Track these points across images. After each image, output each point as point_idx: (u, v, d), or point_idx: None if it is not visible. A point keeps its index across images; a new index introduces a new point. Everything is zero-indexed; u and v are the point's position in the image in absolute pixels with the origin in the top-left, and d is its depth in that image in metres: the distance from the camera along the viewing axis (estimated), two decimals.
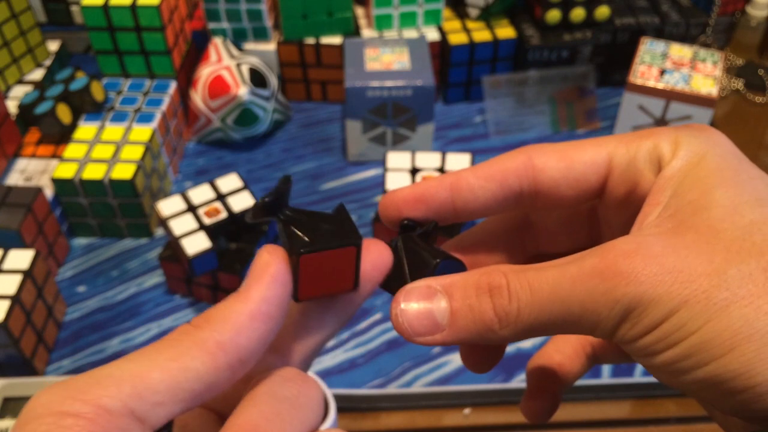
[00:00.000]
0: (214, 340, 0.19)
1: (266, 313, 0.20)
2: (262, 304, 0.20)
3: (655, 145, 0.23)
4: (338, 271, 0.22)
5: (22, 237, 0.57)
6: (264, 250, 0.21)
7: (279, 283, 0.20)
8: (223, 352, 0.19)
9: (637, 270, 0.19)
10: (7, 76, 0.74)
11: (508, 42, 0.77)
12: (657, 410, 0.54)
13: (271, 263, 0.21)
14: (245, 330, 0.20)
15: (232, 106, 0.71)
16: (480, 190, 0.24)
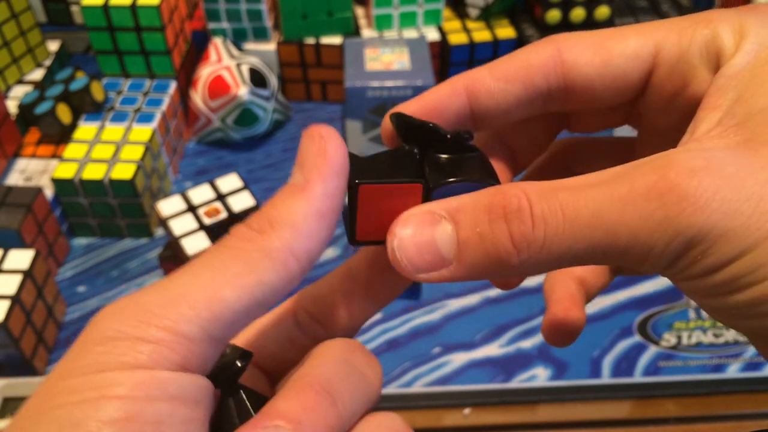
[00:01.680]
0: (287, 249, 0.17)
1: (331, 209, 0.18)
2: (326, 201, 0.18)
3: (713, 35, 0.18)
4: (403, 210, 0.19)
5: (22, 237, 0.57)
6: (316, 131, 0.18)
7: (340, 172, 0.18)
8: (297, 260, 0.17)
9: (707, 195, 0.15)
10: (7, 76, 0.74)
11: (508, 42, 0.77)
12: (657, 410, 0.54)
13: (327, 148, 0.18)
14: (314, 233, 0.18)
15: (232, 106, 0.71)
16: (501, 93, 0.20)
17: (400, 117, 0.20)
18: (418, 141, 0.20)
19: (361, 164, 0.19)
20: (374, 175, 0.19)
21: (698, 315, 0.60)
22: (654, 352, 0.57)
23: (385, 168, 0.19)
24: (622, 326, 0.59)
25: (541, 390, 0.55)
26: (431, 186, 0.19)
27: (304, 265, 0.18)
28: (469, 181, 0.19)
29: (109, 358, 0.15)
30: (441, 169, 0.19)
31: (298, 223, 0.17)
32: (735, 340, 0.58)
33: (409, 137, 0.20)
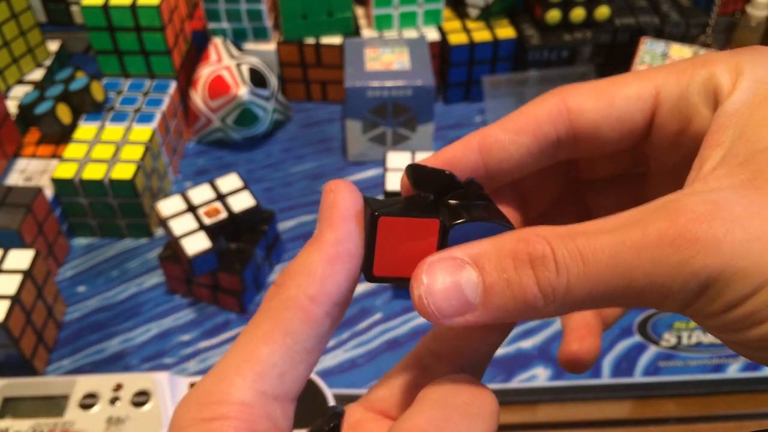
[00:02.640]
0: (303, 296, 0.19)
1: (344, 253, 0.19)
2: (337, 246, 0.19)
3: (710, 74, 0.19)
4: (420, 249, 0.20)
5: (22, 237, 0.57)
6: (328, 186, 0.20)
7: (349, 218, 0.19)
8: (316, 304, 0.19)
9: (718, 237, 0.16)
10: (7, 76, 0.74)
11: (508, 42, 0.77)
12: (657, 410, 0.54)
13: (336, 199, 0.19)
14: (329, 277, 0.19)
15: (232, 106, 0.71)
16: (512, 145, 0.21)
17: (416, 167, 0.21)
18: (432, 188, 0.21)
19: (378, 203, 0.20)
20: (392, 209, 0.20)
21: None
22: (654, 352, 0.57)
23: (401, 207, 0.20)
24: (622, 326, 0.59)
25: (541, 390, 0.55)
26: (448, 224, 0.20)
27: (328, 308, 0.19)
28: (485, 221, 0.20)
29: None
30: (455, 212, 0.20)
31: (312, 270, 0.19)
32: None
33: (423, 185, 0.21)
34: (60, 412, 0.50)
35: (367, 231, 0.20)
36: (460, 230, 0.20)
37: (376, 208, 0.20)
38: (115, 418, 0.49)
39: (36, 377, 0.54)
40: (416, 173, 0.21)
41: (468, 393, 0.19)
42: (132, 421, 0.48)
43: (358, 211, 0.19)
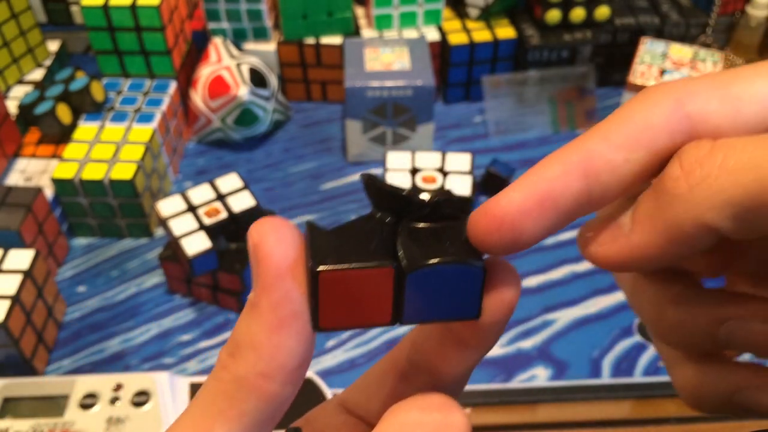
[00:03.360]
0: (254, 375, 0.17)
1: (288, 317, 0.17)
2: (277, 312, 0.17)
3: None
4: (373, 296, 0.18)
5: (22, 237, 0.57)
6: (252, 236, 0.17)
7: (282, 276, 0.17)
8: (269, 380, 0.17)
9: None
10: (7, 76, 0.74)
11: (508, 42, 0.77)
12: (657, 410, 0.54)
13: (265, 254, 0.17)
14: (277, 348, 0.17)
15: (232, 106, 0.71)
16: (625, 165, 0.16)
17: (371, 184, 0.18)
18: (393, 208, 0.18)
19: (324, 240, 0.17)
20: (338, 254, 0.17)
21: None
22: (654, 352, 0.57)
23: (351, 244, 0.17)
24: (622, 326, 0.59)
25: (541, 390, 0.55)
26: (404, 271, 0.17)
27: (284, 379, 0.17)
28: (449, 263, 0.17)
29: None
30: (418, 244, 0.18)
31: (256, 344, 0.17)
32: None
33: (382, 204, 0.18)
34: (60, 412, 0.50)
35: (309, 283, 0.17)
36: (419, 275, 0.17)
37: (317, 256, 0.17)
38: (115, 418, 0.49)
39: (36, 377, 0.54)
40: (374, 192, 0.18)
41: (437, 418, 0.17)
42: (132, 421, 0.48)
43: (293, 261, 0.17)
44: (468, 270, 0.17)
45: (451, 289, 0.18)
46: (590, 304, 0.61)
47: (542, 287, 0.62)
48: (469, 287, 0.18)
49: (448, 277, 0.17)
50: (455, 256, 0.17)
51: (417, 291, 0.17)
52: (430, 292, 0.17)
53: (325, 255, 0.17)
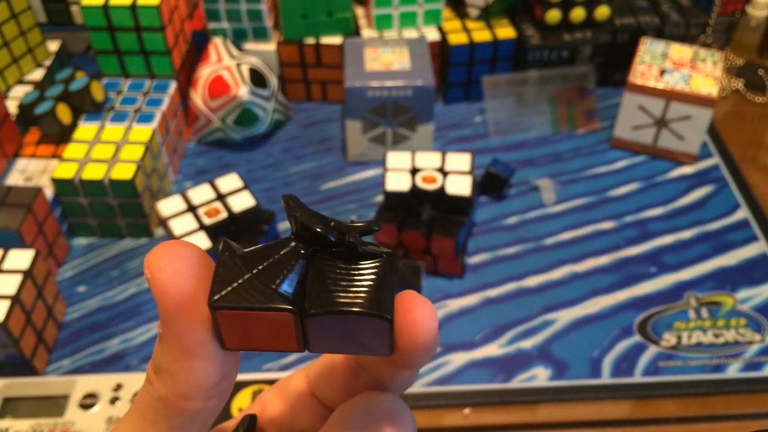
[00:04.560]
0: (174, 396, 0.18)
1: (194, 345, 0.17)
2: (182, 342, 0.17)
3: None
4: (275, 330, 0.17)
5: (22, 237, 0.57)
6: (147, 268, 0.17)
7: (180, 311, 0.17)
8: (189, 399, 0.18)
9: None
10: (7, 76, 0.74)
11: (508, 42, 0.77)
12: (657, 410, 0.54)
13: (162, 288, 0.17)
14: (190, 373, 0.17)
15: (232, 106, 0.71)
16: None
17: (291, 206, 0.18)
18: (308, 240, 0.18)
19: (232, 267, 0.17)
20: (240, 289, 0.17)
21: (698, 315, 0.60)
22: (654, 352, 0.57)
23: (258, 276, 0.17)
24: (622, 326, 0.59)
25: (541, 390, 0.55)
26: (304, 314, 0.17)
27: (205, 395, 0.18)
28: (350, 314, 0.17)
29: None
30: (326, 285, 0.17)
31: (171, 370, 0.17)
32: (735, 340, 0.58)
33: (299, 233, 0.18)
34: (60, 412, 0.50)
35: (211, 314, 0.17)
36: (318, 322, 0.17)
37: (219, 289, 0.17)
38: (116, 419, 0.49)
39: (36, 377, 0.54)
40: (292, 220, 0.18)
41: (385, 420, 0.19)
42: None
43: (189, 295, 0.17)
44: (373, 320, 0.17)
45: (358, 332, 0.17)
46: (590, 304, 0.61)
47: (542, 287, 0.62)
48: (376, 332, 0.17)
49: (353, 323, 0.17)
50: (360, 305, 0.17)
51: (321, 331, 0.17)
52: (336, 333, 0.17)
53: (226, 287, 0.17)
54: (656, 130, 0.73)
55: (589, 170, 0.73)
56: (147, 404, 0.18)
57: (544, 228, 0.67)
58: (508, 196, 0.70)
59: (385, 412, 0.19)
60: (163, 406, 0.18)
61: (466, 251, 0.64)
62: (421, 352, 0.18)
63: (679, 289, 0.62)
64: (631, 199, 0.70)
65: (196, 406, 0.18)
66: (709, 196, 0.71)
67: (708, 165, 0.74)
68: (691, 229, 0.67)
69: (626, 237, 0.66)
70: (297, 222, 0.18)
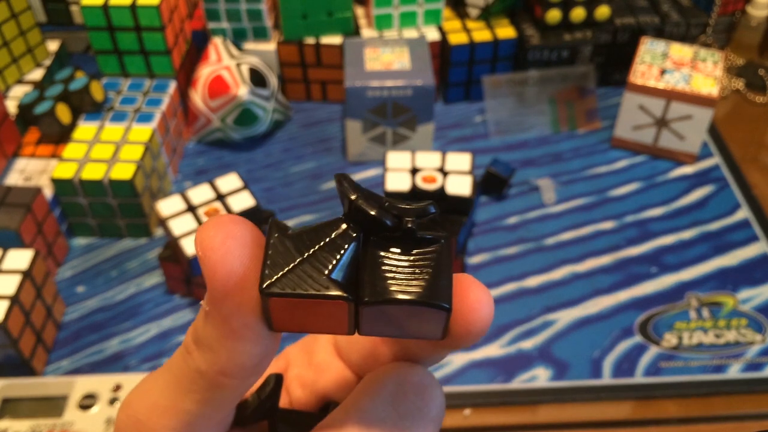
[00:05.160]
0: (213, 372, 0.17)
1: (240, 328, 0.17)
2: (230, 323, 0.17)
3: None
4: (327, 315, 0.17)
5: (22, 237, 0.57)
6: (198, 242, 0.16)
7: (231, 292, 0.16)
8: (230, 376, 0.17)
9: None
10: (7, 76, 0.74)
11: (509, 42, 0.77)
12: (658, 411, 0.54)
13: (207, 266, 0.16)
14: (233, 352, 0.17)
15: (232, 106, 0.71)
16: None
17: (344, 185, 0.17)
18: (362, 223, 0.17)
19: (283, 250, 0.17)
20: (293, 274, 0.16)
21: (699, 315, 0.60)
22: (655, 353, 0.57)
23: (310, 260, 0.16)
24: (623, 326, 0.59)
25: (542, 391, 0.55)
26: (359, 303, 0.16)
27: (244, 374, 0.18)
28: (407, 303, 0.16)
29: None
30: (381, 272, 0.17)
31: (214, 347, 0.17)
32: (736, 340, 0.58)
33: (352, 215, 0.17)
34: (59, 412, 0.49)
35: (261, 299, 0.17)
36: (376, 311, 0.17)
37: (270, 273, 0.16)
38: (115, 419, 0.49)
39: (35, 378, 0.54)
40: (345, 201, 0.17)
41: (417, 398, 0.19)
42: None
43: (240, 277, 0.16)
44: (431, 310, 0.16)
45: (412, 319, 0.17)
46: (591, 305, 0.60)
47: (543, 287, 0.62)
48: (432, 320, 0.17)
49: (409, 312, 0.17)
50: (418, 294, 0.16)
51: (375, 318, 0.17)
52: (390, 320, 0.17)
53: (278, 272, 0.16)
54: (657, 129, 0.72)
55: (590, 170, 0.73)
56: (184, 373, 0.18)
57: (544, 228, 0.67)
58: (509, 196, 0.70)
59: (416, 385, 0.19)
60: (200, 378, 0.17)
61: (466, 251, 0.64)
62: (474, 337, 0.18)
63: (679, 289, 0.62)
64: (632, 199, 0.70)
65: (234, 383, 0.18)
66: (710, 196, 0.70)
67: (708, 165, 0.74)
68: (691, 229, 0.67)
69: (627, 237, 0.66)
70: (351, 204, 0.17)
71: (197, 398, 0.18)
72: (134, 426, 0.19)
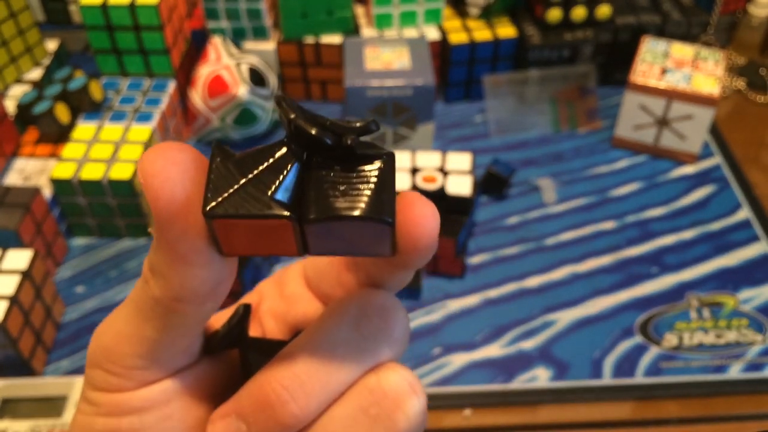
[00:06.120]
0: (168, 299, 0.18)
1: (188, 252, 0.17)
2: (176, 248, 0.17)
3: None
4: (274, 236, 0.17)
5: (21, 237, 0.57)
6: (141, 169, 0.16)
7: (173, 217, 0.16)
8: (185, 301, 0.18)
9: None
10: (6, 76, 0.74)
11: (509, 41, 0.77)
12: (658, 411, 0.54)
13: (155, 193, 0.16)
14: (184, 277, 0.17)
15: (232, 105, 0.71)
16: None
17: (284, 105, 0.17)
18: (304, 143, 0.17)
19: (226, 173, 0.17)
20: (236, 195, 0.16)
21: (700, 315, 0.59)
22: (655, 353, 0.57)
23: (254, 181, 0.17)
24: (624, 327, 0.59)
25: (542, 391, 0.55)
26: (303, 221, 0.17)
27: (200, 300, 0.18)
28: (350, 219, 0.16)
29: (94, 381, 0.20)
30: (323, 190, 0.17)
31: (165, 273, 0.17)
32: (737, 341, 0.58)
33: (294, 136, 0.17)
34: (58, 412, 0.49)
35: (206, 222, 0.17)
36: (319, 228, 0.17)
37: (213, 196, 0.16)
38: None
39: (34, 378, 0.53)
40: (285, 121, 0.17)
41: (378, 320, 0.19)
42: None
43: (183, 201, 0.16)
44: (374, 224, 0.17)
45: (358, 235, 0.17)
46: (591, 305, 0.60)
47: (543, 288, 0.62)
48: (377, 234, 0.17)
49: (353, 227, 0.17)
50: (360, 209, 0.16)
51: (321, 236, 0.17)
52: (337, 237, 0.17)
53: (220, 194, 0.16)
54: (657, 129, 0.72)
55: (590, 170, 0.73)
56: (143, 301, 0.19)
57: (544, 228, 0.67)
58: (509, 195, 0.70)
59: (378, 308, 0.20)
60: (157, 306, 0.18)
61: (466, 251, 0.64)
62: (422, 252, 0.18)
63: (680, 289, 0.61)
64: (632, 199, 0.70)
65: (191, 309, 0.18)
66: (711, 196, 0.70)
67: (709, 165, 0.73)
68: (692, 229, 0.67)
69: (627, 237, 0.66)
70: (291, 124, 0.17)
71: (157, 325, 0.18)
72: (102, 354, 0.20)
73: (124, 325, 0.19)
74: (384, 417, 0.18)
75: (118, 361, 0.19)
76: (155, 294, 0.18)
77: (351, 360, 0.19)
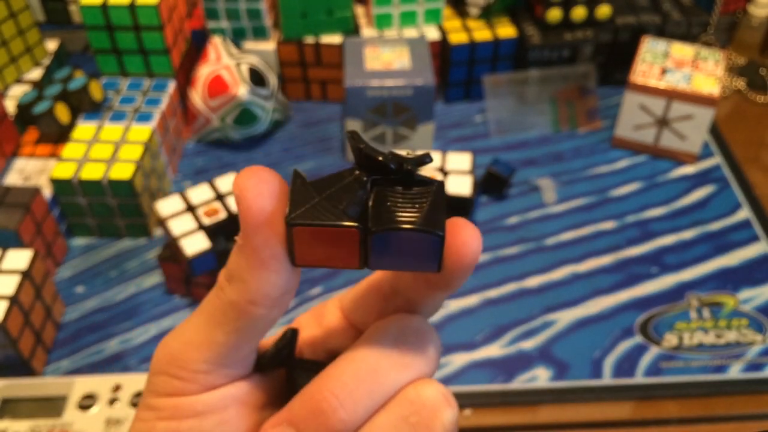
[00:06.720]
0: (244, 301, 0.20)
1: (268, 258, 0.20)
2: (259, 254, 0.20)
3: None
4: (341, 247, 0.20)
5: (21, 237, 0.57)
6: (236, 184, 0.20)
7: (261, 226, 0.19)
8: (258, 305, 0.20)
9: None
10: (6, 76, 0.74)
11: (509, 41, 0.77)
12: (658, 411, 0.54)
13: (242, 206, 0.19)
14: (261, 282, 0.20)
15: (232, 105, 0.71)
16: None
17: (354, 139, 0.21)
18: (370, 168, 0.21)
19: (304, 192, 0.20)
20: (312, 209, 0.20)
21: (700, 315, 0.59)
22: (655, 353, 0.57)
23: (327, 199, 0.20)
24: (624, 327, 0.59)
25: (542, 391, 0.55)
26: (368, 232, 0.20)
27: (271, 304, 0.20)
28: (407, 231, 0.19)
29: (157, 387, 0.22)
30: (386, 206, 0.20)
31: (244, 278, 0.20)
32: (737, 341, 0.58)
33: (362, 163, 0.21)
34: (58, 412, 0.49)
35: (287, 231, 0.20)
36: (382, 238, 0.20)
37: (294, 209, 0.19)
38: (114, 419, 0.49)
39: (34, 378, 0.53)
40: (355, 152, 0.20)
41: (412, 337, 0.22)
42: (130, 422, 0.48)
43: (270, 214, 0.20)
44: (427, 236, 0.19)
45: (413, 248, 0.20)
46: (591, 305, 0.60)
47: (543, 288, 0.62)
48: (429, 248, 0.20)
49: (409, 240, 0.20)
50: (416, 223, 0.19)
51: (381, 248, 0.20)
52: (394, 250, 0.20)
53: (301, 208, 0.20)
54: (657, 129, 0.72)
55: (590, 170, 0.73)
56: (216, 307, 0.21)
57: (544, 228, 0.67)
58: (509, 195, 0.70)
59: (414, 329, 0.22)
60: (231, 309, 0.20)
61: None
62: (464, 271, 0.21)
63: (680, 289, 0.61)
64: (633, 199, 0.70)
65: (261, 312, 0.20)
66: (711, 196, 0.70)
67: (709, 165, 0.73)
68: (692, 229, 0.67)
69: (627, 237, 0.66)
70: (361, 152, 0.20)
71: (228, 329, 0.21)
72: (169, 360, 0.21)
73: (193, 333, 0.21)
74: (423, 425, 0.20)
75: (185, 366, 0.21)
76: (231, 298, 0.20)
77: (392, 373, 0.21)
